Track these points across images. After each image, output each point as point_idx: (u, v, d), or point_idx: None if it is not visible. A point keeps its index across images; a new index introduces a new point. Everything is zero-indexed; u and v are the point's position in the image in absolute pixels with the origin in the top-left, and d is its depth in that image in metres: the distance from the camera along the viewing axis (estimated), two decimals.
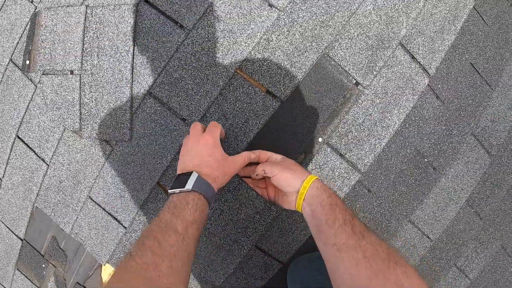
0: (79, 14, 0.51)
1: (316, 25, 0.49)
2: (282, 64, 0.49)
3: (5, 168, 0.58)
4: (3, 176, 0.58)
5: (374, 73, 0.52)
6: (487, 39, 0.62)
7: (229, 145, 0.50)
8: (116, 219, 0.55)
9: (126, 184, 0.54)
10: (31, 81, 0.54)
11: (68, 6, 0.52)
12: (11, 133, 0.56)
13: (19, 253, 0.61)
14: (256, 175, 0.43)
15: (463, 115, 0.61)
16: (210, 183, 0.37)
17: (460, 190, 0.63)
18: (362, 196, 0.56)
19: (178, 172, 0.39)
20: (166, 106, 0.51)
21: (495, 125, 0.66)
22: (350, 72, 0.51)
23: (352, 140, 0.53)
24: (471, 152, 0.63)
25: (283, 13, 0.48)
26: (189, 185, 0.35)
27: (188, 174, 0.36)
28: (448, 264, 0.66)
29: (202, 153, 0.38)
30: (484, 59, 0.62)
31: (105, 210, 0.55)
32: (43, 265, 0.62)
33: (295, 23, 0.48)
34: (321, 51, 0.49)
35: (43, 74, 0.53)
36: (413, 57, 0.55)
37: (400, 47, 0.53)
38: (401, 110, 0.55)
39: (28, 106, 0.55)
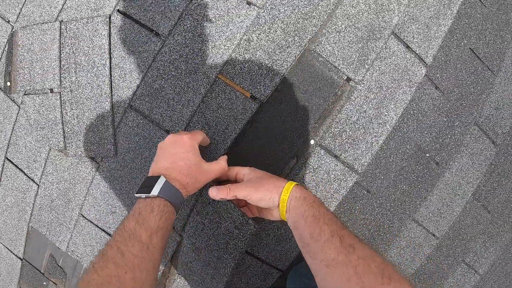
0: (53, 30, 0.47)
1: (298, 18, 0.43)
2: (263, 64, 0.44)
3: None
4: None
5: (366, 66, 0.46)
6: (486, 22, 0.55)
7: (209, 153, 0.45)
8: (109, 234, 0.51)
9: (116, 199, 0.50)
10: (14, 102, 0.51)
11: (43, 23, 0.48)
12: (0, 155, 0.53)
13: (20, 272, 0.59)
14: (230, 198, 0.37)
15: (465, 104, 0.54)
16: (179, 189, 0.33)
17: (466, 184, 0.56)
18: (361, 198, 0.50)
19: (149, 174, 0.35)
20: (149, 119, 0.46)
21: (500, 112, 0.58)
22: (340, 67, 0.45)
23: (346, 139, 0.47)
24: (476, 143, 0.56)
25: (262, 10, 0.43)
26: (155, 191, 0.31)
27: (156, 178, 0.32)
28: (456, 261, 0.60)
29: (176, 155, 0.34)
30: (484, 43, 0.55)
31: (98, 227, 0.51)
32: (44, 283, 0.59)
33: (276, 19, 0.43)
34: (304, 44, 0.44)
35: (24, 94, 0.50)
36: (407, 47, 0.48)
37: (392, 36, 0.47)
38: (398, 104, 0.49)
39: (13, 128, 0.52)
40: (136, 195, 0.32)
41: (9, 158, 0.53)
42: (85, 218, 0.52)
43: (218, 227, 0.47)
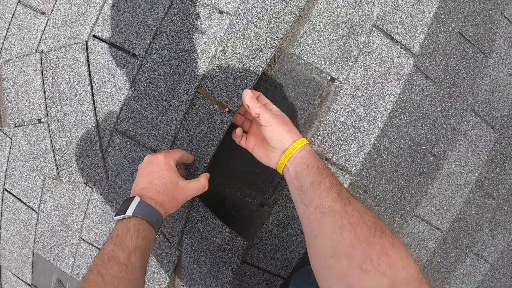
0: (35, 62, 0.46)
1: (270, 18, 0.40)
2: (238, 73, 0.41)
3: (0, 220, 0.54)
4: (0, 229, 0.55)
5: (350, 64, 0.43)
6: (473, 3, 0.51)
7: (193, 171, 0.43)
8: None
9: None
10: (6, 135, 0.50)
11: (24, 55, 0.47)
12: None
13: None
14: (251, 113, 0.35)
15: (458, 91, 0.50)
16: (155, 207, 0.32)
17: (467, 173, 0.52)
18: (358, 198, 0.47)
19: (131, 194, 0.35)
20: (135, 140, 0.44)
21: (496, 95, 0.54)
22: (322, 68, 0.42)
23: (336, 141, 0.44)
24: (474, 130, 0.52)
25: (235, 17, 0.40)
26: (130, 211, 0.31)
27: (131, 199, 0.32)
28: (464, 252, 0.56)
29: (152, 175, 0.34)
30: (473, 25, 0.51)
31: (98, 249, 0.50)
32: None
33: (250, 23, 0.40)
34: (275, 45, 0.40)
35: (15, 126, 0.49)
36: (392, 38, 0.45)
37: (375, 29, 0.43)
38: (387, 99, 0.45)
39: (8, 159, 0.51)
40: (114, 218, 0.32)
41: (7, 189, 0.52)
42: (86, 241, 0.50)
43: (211, 243, 0.45)
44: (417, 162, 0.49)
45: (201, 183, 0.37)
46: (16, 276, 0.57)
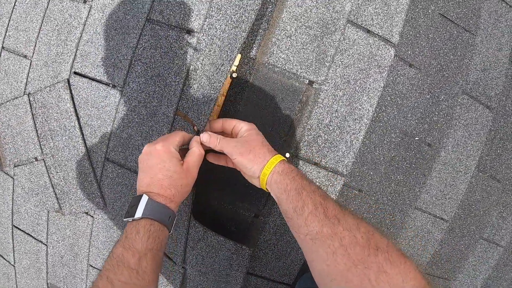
0: (24, 104, 0.46)
1: (231, 29, 0.37)
2: (205, 91, 0.38)
3: (14, 255, 0.55)
4: (14, 263, 0.55)
5: (327, 64, 0.40)
6: None
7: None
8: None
9: None
10: (8, 175, 0.50)
11: (14, 98, 0.47)
12: (8, 224, 0.53)
13: None
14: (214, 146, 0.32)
15: (447, 75, 0.46)
16: (164, 204, 0.29)
17: (466, 158, 0.48)
18: (354, 199, 0.44)
19: (137, 192, 0.31)
20: (125, 167, 0.43)
21: (488, 73, 0.49)
22: (299, 73, 0.39)
23: (323, 144, 0.41)
24: (468, 112, 0.47)
25: (201, 34, 0.38)
26: (139, 212, 0.28)
27: (139, 198, 0.29)
28: (473, 239, 0.51)
29: (153, 168, 0.30)
30: (454, 4, 0.46)
31: None
32: None
33: (214, 37, 0.38)
34: (234, 55, 0.37)
35: (15, 166, 0.49)
36: (368, 31, 0.41)
37: (349, 25, 0.40)
38: (371, 95, 0.41)
39: (13, 198, 0.51)
40: (124, 219, 0.29)
41: (16, 225, 0.52)
42: (94, 267, 0.49)
43: (216, 255, 0.43)
44: (411, 154, 0.45)
45: (196, 153, 0.32)
46: None
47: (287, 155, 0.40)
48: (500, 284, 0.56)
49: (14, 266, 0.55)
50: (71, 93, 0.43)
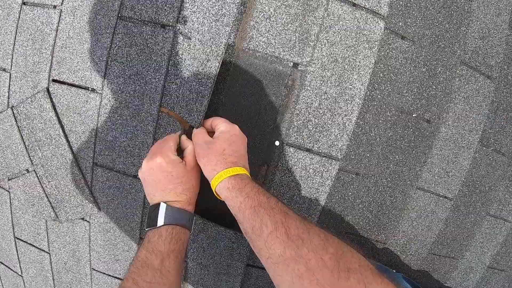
0: (9, 117, 0.45)
1: (211, 22, 0.34)
2: (192, 87, 0.36)
3: (20, 266, 0.54)
4: (22, 273, 0.55)
5: (311, 44, 0.36)
6: None
7: None
8: (122, 279, 0.48)
9: (115, 248, 0.46)
10: (3, 189, 0.50)
11: None
12: (10, 236, 0.53)
13: None
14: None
15: (443, 45, 0.42)
16: (185, 208, 0.30)
17: (468, 133, 0.44)
18: (351, 183, 0.41)
19: (150, 203, 0.31)
20: (114, 170, 0.41)
21: (487, 41, 0.44)
22: (282, 56, 0.36)
23: (314, 129, 0.38)
24: (468, 84, 0.43)
25: (177, 27, 0.35)
26: (160, 221, 0.28)
27: (157, 207, 0.29)
28: (479, 216, 0.48)
29: (162, 182, 0.30)
30: None
31: (110, 276, 0.48)
32: None
33: (192, 31, 0.35)
34: (221, 52, 0.34)
35: (9, 180, 0.48)
36: (354, 5, 0.37)
37: None
38: (362, 72, 0.38)
39: (11, 210, 0.50)
40: (146, 229, 0.29)
41: (17, 237, 0.52)
42: (97, 271, 0.49)
43: (217, 246, 0.41)
44: (409, 132, 0.42)
45: (193, 151, 0.31)
46: None
47: (277, 143, 0.38)
48: (509, 260, 0.53)
49: (22, 276, 0.55)
50: (52, 101, 0.41)
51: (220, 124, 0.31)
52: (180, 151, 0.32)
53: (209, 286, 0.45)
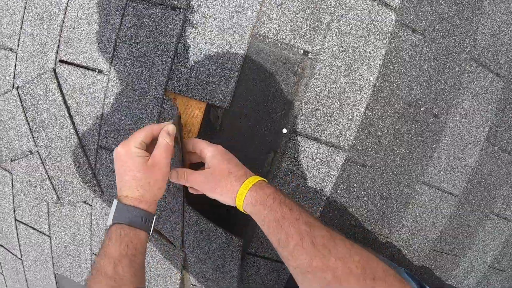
0: (13, 97, 0.45)
1: (232, 12, 0.34)
2: (211, 70, 0.36)
3: (20, 249, 0.54)
4: (21, 256, 0.55)
5: (322, 32, 0.36)
6: None
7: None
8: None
9: None
10: (6, 170, 0.50)
11: (4, 93, 0.45)
12: (11, 219, 0.53)
13: None
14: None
15: (453, 40, 0.42)
16: (134, 206, 0.27)
17: (475, 130, 0.44)
18: (357, 174, 0.41)
19: None
20: None
21: (497, 39, 0.44)
22: (292, 43, 0.36)
23: (322, 118, 0.38)
24: (476, 81, 0.43)
25: (189, 11, 0.35)
26: (110, 219, 0.27)
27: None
28: (483, 214, 0.48)
29: (120, 171, 0.28)
30: None
31: None
32: None
33: (208, 17, 0.35)
34: (246, 41, 0.35)
35: (11, 161, 0.48)
36: None
37: None
38: (372, 63, 0.38)
39: (13, 192, 0.50)
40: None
41: (18, 220, 0.52)
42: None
43: (210, 243, 0.41)
44: (417, 126, 0.42)
45: (162, 145, 0.28)
46: None
47: (284, 130, 0.38)
48: (511, 261, 0.53)
49: (21, 259, 0.55)
50: (58, 82, 0.41)
51: (206, 150, 0.30)
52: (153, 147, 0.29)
53: (208, 279, 0.45)
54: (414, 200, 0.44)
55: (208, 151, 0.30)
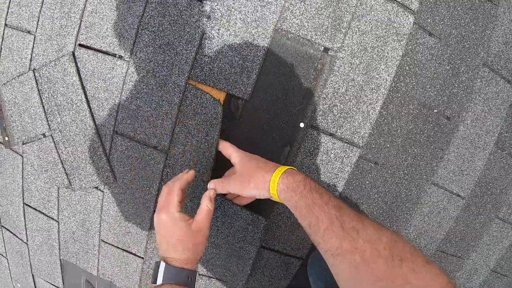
0: (29, 80, 0.45)
1: (256, 6, 0.35)
2: (234, 61, 0.37)
3: (26, 233, 0.54)
4: (27, 240, 0.55)
5: (343, 30, 0.37)
6: None
7: (199, 163, 0.40)
8: (131, 253, 0.48)
9: (128, 220, 0.46)
10: (17, 153, 0.50)
11: (19, 75, 0.46)
12: (19, 202, 0.53)
13: None
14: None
15: (468, 46, 0.43)
16: (182, 267, 0.30)
17: (485, 134, 0.45)
18: (370, 171, 0.42)
19: (158, 254, 0.34)
20: (135, 139, 0.42)
21: (510, 46, 0.46)
22: (313, 39, 0.37)
23: (339, 114, 0.39)
24: (488, 86, 0.45)
25: (215, 3, 0.36)
26: (159, 279, 0.30)
27: (158, 265, 0.30)
28: (488, 218, 0.49)
29: (166, 237, 0.31)
30: None
31: (119, 248, 0.49)
32: None
33: (232, 9, 0.36)
34: (269, 35, 0.36)
35: (23, 144, 0.48)
36: None
37: None
38: (389, 63, 0.39)
39: (23, 175, 0.51)
40: (148, 283, 0.32)
41: (27, 203, 0.52)
42: (106, 242, 0.49)
43: (232, 226, 0.42)
44: (429, 127, 0.43)
45: (204, 211, 0.32)
46: (49, 282, 0.57)
47: (302, 124, 0.39)
48: None
49: (27, 244, 0.55)
50: (77, 66, 0.41)
51: (234, 155, 0.34)
52: (185, 194, 0.33)
53: (219, 266, 0.46)
54: (423, 200, 0.45)
55: (236, 156, 0.34)
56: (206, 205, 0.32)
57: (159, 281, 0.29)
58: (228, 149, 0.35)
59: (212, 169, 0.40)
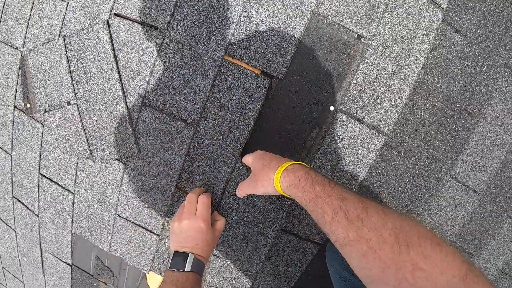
0: (59, 47, 0.46)
1: None
2: (270, 41, 0.39)
3: (38, 205, 0.54)
4: (39, 212, 0.55)
5: (377, 20, 0.39)
6: None
7: (233, 136, 0.41)
8: (147, 229, 0.49)
9: (147, 195, 0.47)
10: (37, 121, 0.50)
11: (48, 41, 0.46)
12: (34, 172, 0.52)
13: (71, 277, 0.58)
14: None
15: (491, 45, 0.45)
16: (203, 261, 0.38)
17: (503, 132, 0.47)
18: (392, 160, 0.43)
19: (172, 248, 0.40)
20: (164, 112, 0.42)
21: None
22: (348, 26, 0.39)
23: (368, 100, 0.41)
24: (508, 86, 0.47)
25: None
26: (188, 267, 0.36)
27: (185, 255, 0.37)
28: (501, 217, 0.51)
29: (197, 238, 0.39)
30: None
31: (135, 224, 0.49)
32: (95, 284, 0.57)
33: None
34: (307, 18, 0.38)
35: (45, 112, 0.48)
36: None
37: None
38: (418, 56, 0.41)
39: (41, 145, 0.51)
40: (169, 268, 0.37)
41: (43, 174, 0.52)
42: (122, 217, 0.49)
43: (253, 205, 0.43)
44: (451, 121, 0.45)
45: (224, 223, 0.42)
46: (57, 257, 0.56)
47: (332, 107, 0.40)
48: None
49: (38, 216, 0.54)
50: (110, 34, 0.42)
51: (247, 158, 0.39)
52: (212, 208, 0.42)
53: (234, 250, 0.46)
54: (441, 193, 0.47)
55: (250, 158, 0.38)
56: (226, 219, 0.41)
57: (188, 268, 0.36)
58: (246, 158, 0.39)
59: (246, 142, 0.41)
